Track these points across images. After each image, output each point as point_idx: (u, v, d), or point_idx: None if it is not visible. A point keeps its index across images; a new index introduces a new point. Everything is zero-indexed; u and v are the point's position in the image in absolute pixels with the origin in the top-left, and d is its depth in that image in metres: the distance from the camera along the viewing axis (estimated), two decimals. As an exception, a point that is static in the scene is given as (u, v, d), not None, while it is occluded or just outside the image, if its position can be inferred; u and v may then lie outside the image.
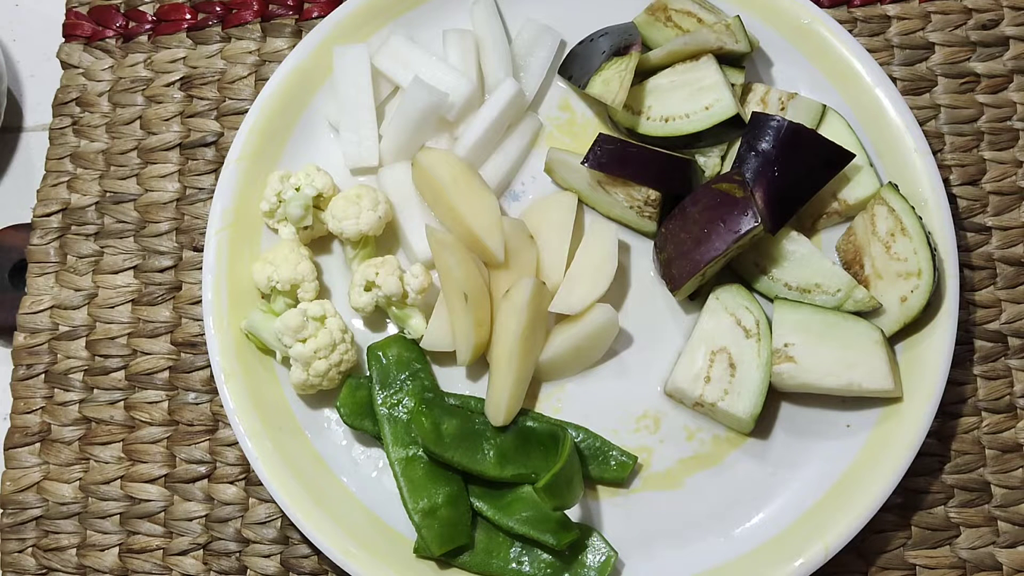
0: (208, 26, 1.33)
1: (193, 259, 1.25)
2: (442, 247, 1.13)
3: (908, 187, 1.17)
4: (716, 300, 1.16)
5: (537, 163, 1.24)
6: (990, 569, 1.15)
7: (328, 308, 1.14)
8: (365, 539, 1.11)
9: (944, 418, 1.18)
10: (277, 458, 1.12)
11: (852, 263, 1.17)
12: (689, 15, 1.22)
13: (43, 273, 1.25)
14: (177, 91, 1.31)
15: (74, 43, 1.34)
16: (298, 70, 1.23)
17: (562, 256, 1.18)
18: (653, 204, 1.17)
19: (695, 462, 1.15)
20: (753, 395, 1.12)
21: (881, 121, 1.19)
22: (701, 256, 1.11)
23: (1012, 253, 1.23)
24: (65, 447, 1.20)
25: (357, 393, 1.15)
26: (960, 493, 1.16)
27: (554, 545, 1.08)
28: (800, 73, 1.24)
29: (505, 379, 1.11)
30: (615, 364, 1.18)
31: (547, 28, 1.26)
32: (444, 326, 1.14)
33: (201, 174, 1.28)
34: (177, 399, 1.21)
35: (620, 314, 1.19)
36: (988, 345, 1.20)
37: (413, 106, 1.19)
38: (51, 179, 1.29)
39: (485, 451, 1.12)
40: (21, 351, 1.23)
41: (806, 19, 1.22)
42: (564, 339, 1.14)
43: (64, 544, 1.18)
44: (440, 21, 1.27)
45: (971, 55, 1.29)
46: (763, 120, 1.16)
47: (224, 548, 1.17)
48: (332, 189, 1.19)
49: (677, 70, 1.21)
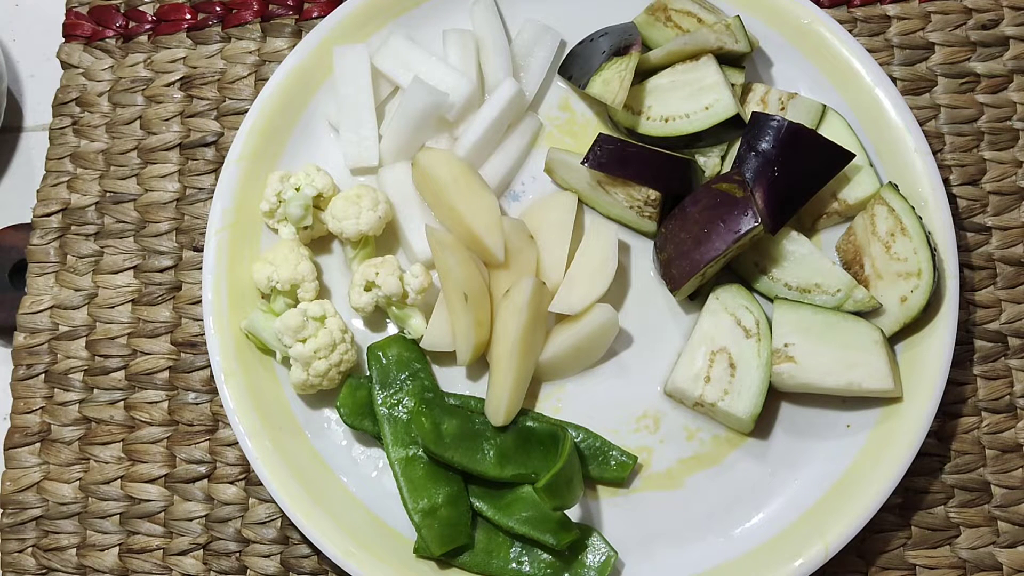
0: (208, 26, 1.33)
1: (193, 259, 1.25)
2: (442, 247, 1.13)
3: (908, 187, 1.17)
4: (716, 300, 1.16)
5: (537, 163, 1.24)
6: (990, 569, 1.15)
7: (328, 308, 1.14)
8: (365, 539, 1.11)
9: (944, 418, 1.18)
10: (277, 458, 1.12)
11: (852, 263, 1.17)
12: (689, 15, 1.22)
13: (43, 273, 1.25)
14: (177, 91, 1.31)
15: (74, 43, 1.34)
16: (298, 70, 1.23)
17: (562, 256, 1.18)
18: (653, 204, 1.17)
19: (695, 462, 1.15)
20: (753, 395, 1.12)
21: (881, 121, 1.19)
22: (701, 256, 1.11)
23: (1012, 253, 1.23)
24: (65, 447, 1.20)
25: (357, 393, 1.15)
26: (960, 493, 1.16)
27: (554, 545, 1.08)
28: (800, 73, 1.24)
29: (505, 379, 1.11)
30: (615, 364, 1.18)
31: (547, 28, 1.26)
32: (444, 326, 1.14)
33: (201, 174, 1.28)
34: (177, 399, 1.21)
35: (620, 314, 1.19)
36: (988, 345, 1.20)
37: (413, 106, 1.19)
38: (51, 179, 1.29)
39: (485, 451, 1.12)
40: (21, 351, 1.23)
41: (806, 19, 1.22)
42: (564, 339, 1.14)
43: (64, 544, 1.18)
44: (440, 21, 1.27)
45: (971, 55, 1.29)
46: (763, 120, 1.16)
47: (224, 548, 1.17)
48: (332, 189, 1.19)
49: (677, 70, 1.21)
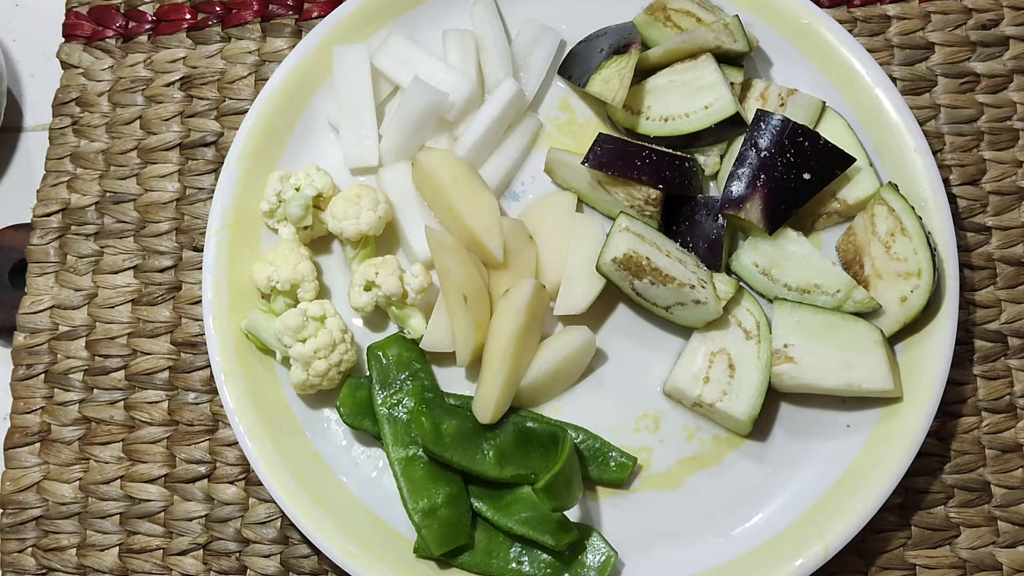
0: (208, 26, 1.33)
1: (193, 259, 1.25)
2: (441, 248, 1.13)
3: (908, 187, 1.17)
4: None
5: (537, 163, 1.24)
6: (990, 569, 1.15)
7: (328, 308, 1.14)
8: (365, 539, 1.11)
9: (944, 418, 1.18)
10: (277, 458, 1.12)
11: (852, 263, 1.17)
12: (688, 15, 1.22)
13: (43, 273, 1.25)
14: (177, 91, 1.31)
15: (74, 43, 1.34)
16: (298, 70, 1.23)
17: (562, 256, 1.18)
18: (653, 203, 1.17)
19: (695, 462, 1.15)
20: (752, 396, 1.12)
21: (881, 121, 1.19)
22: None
23: (1012, 253, 1.23)
24: (65, 447, 1.20)
25: (357, 393, 1.15)
26: (960, 493, 1.16)
27: (553, 546, 1.08)
28: (800, 73, 1.24)
29: (496, 378, 1.11)
30: (615, 364, 1.18)
31: (547, 28, 1.26)
32: (443, 327, 1.14)
33: (201, 174, 1.28)
34: (177, 399, 1.21)
35: (620, 312, 1.19)
36: (988, 345, 1.20)
37: (413, 106, 1.19)
38: (51, 179, 1.29)
39: (485, 451, 1.12)
40: (21, 351, 1.23)
41: (806, 19, 1.22)
42: (541, 365, 1.14)
43: (64, 544, 1.18)
44: (440, 21, 1.27)
45: (971, 55, 1.28)
46: (764, 119, 1.16)
47: (224, 548, 1.17)
48: (332, 189, 1.19)
49: (676, 69, 1.21)
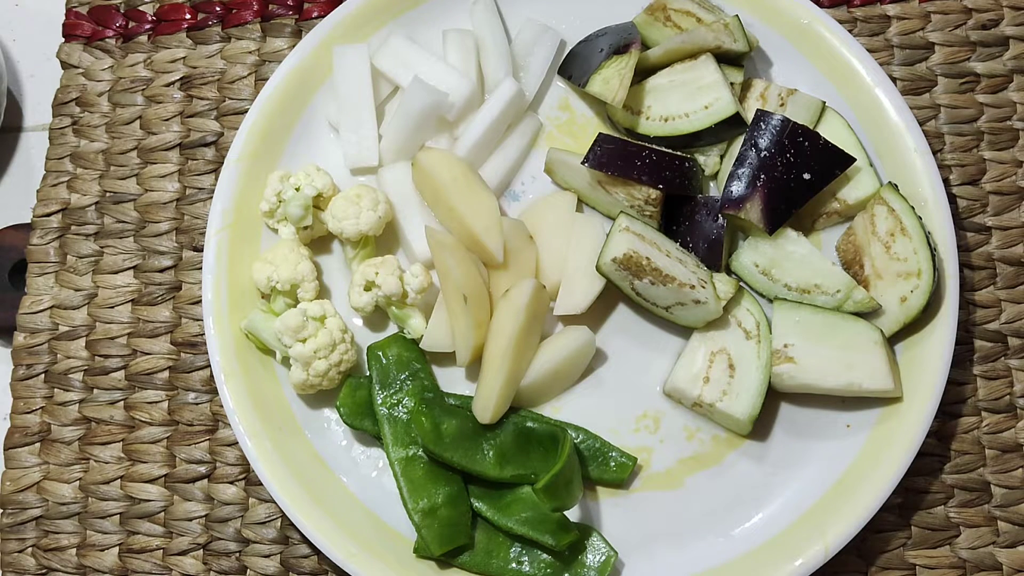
0: (208, 26, 1.33)
1: (193, 259, 1.25)
2: (441, 248, 1.13)
3: (908, 187, 1.17)
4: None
5: (537, 163, 1.24)
6: (990, 569, 1.15)
7: (328, 308, 1.14)
8: (365, 539, 1.11)
9: (944, 418, 1.18)
10: (277, 458, 1.12)
11: (852, 263, 1.17)
12: (688, 15, 1.22)
13: (43, 273, 1.25)
14: (177, 91, 1.31)
15: (74, 43, 1.34)
16: (298, 70, 1.23)
17: (562, 256, 1.18)
18: (653, 203, 1.17)
19: (695, 462, 1.15)
20: (751, 397, 1.12)
21: (881, 121, 1.19)
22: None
23: (1012, 253, 1.23)
24: (65, 447, 1.20)
25: (357, 393, 1.15)
26: (960, 493, 1.16)
27: (553, 546, 1.08)
28: (800, 73, 1.24)
29: (496, 378, 1.11)
30: (615, 364, 1.18)
31: (547, 28, 1.26)
32: (443, 327, 1.14)
33: (201, 174, 1.28)
34: (177, 399, 1.21)
35: (620, 312, 1.19)
36: (988, 345, 1.20)
37: (413, 106, 1.19)
38: (51, 179, 1.29)
39: (485, 451, 1.12)
40: (21, 351, 1.23)
41: (806, 19, 1.22)
42: (541, 365, 1.14)
43: (64, 544, 1.18)
44: (440, 21, 1.27)
45: (971, 55, 1.28)
46: (764, 119, 1.16)
47: (224, 548, 1.17)
48: (332, 189, 1.19)
49: (676, 69, 1.21)
